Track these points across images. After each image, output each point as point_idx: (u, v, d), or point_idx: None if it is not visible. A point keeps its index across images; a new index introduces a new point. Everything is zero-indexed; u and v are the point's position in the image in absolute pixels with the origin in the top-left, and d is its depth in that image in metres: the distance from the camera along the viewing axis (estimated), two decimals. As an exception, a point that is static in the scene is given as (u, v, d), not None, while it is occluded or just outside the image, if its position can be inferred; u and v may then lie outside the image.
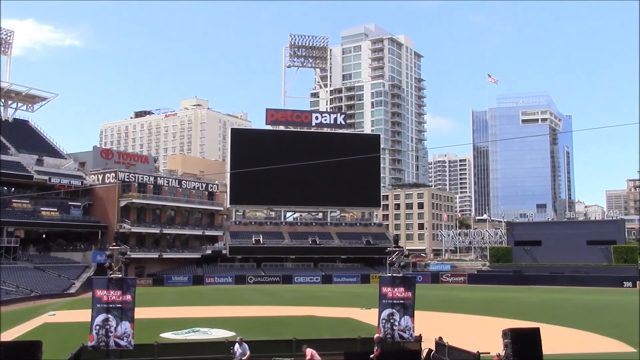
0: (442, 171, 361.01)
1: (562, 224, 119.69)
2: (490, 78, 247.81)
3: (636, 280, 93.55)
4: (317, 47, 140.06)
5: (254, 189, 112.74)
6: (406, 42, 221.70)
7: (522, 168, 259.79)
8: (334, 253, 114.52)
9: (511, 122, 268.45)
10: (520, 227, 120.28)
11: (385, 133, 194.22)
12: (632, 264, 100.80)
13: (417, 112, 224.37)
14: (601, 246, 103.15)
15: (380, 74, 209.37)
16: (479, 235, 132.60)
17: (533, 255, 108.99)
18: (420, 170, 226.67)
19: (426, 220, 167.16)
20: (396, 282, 27.04)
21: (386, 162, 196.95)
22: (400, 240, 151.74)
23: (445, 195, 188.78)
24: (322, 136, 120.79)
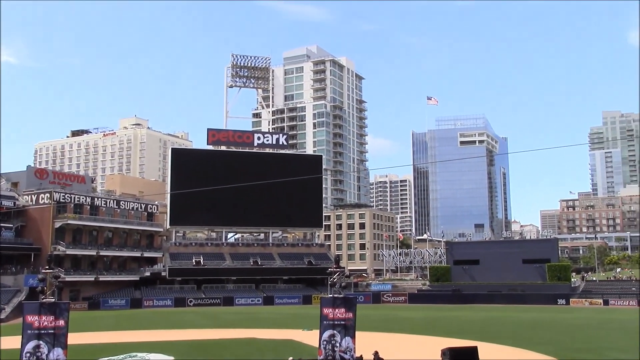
0: (384, 191, 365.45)
1: (499, 243, 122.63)
2: (430, 100, 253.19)
3: (569, 297, 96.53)
4: (259, 67, 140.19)
5: (195, 210, 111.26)
6: (347, 64, 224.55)
7: (460, 188, 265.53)
8: (275, 274, 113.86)
9: (450, 143, 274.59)
10: (459, 246, 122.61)
11: (327, 154, 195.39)
12: (565, 281, 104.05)
13: (358, 133, 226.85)
14: (536, 265, 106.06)
15: (322, 95, 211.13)
16: (419, 255, 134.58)
17: (471, 274, 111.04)
18: (362, 190, 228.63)
19: (367, 240, 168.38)
20: (337, 303, 27.05)
21: (328, 182, 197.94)
22: (342, 260, 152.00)
23: (386, 216, 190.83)
24: (264, 156, 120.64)
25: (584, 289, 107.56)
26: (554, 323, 61.22)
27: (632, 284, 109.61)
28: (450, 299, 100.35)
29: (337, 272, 28.53)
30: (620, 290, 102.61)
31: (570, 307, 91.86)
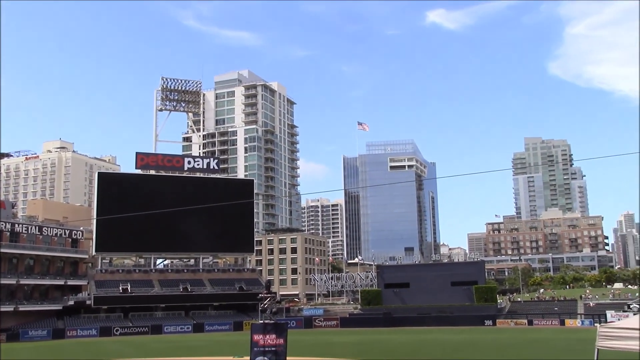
0: (315, 216, 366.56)
1: (429, 266, 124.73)
2: (361, 126, 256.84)
3: (496, 318, 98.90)
4: (190, 91, 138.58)
5: (122, 236, 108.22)
6: (279, 88, 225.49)
7: (391, 212, 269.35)
8: (206, 300, 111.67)
9: (380, 168, 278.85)
10: (390, 270, 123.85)
11: (258, 178, 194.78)
12: (491, 303, 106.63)
13: (290, 158, 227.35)
14: (464, 287, 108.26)
15: (254, 119, 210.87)
16: (351, 279, 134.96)
17: (402, 297, 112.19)
18: (294, 215, 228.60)
19: (299, 265, 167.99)
20: (267, 329, 26.71)
21: (260, 207, 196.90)
22: (274, 285, 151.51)
23: (318, 240, 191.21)
24: (195, 181, 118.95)
25: (510, 309, 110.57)
26: (482, 344, 62.45)
27: (554, 304, 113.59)
28: (382, 323, 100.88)
29: (268, 298, 28.27)
30: (543, 310, 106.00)
31: (496, 327, 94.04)
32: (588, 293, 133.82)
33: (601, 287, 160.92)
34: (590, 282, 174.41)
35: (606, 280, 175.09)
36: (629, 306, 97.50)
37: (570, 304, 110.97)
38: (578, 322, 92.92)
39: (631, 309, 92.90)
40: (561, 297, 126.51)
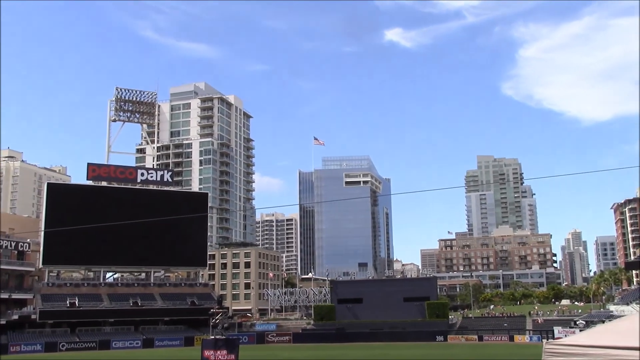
0: (270, 230, 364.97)
1: (382, 282, 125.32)
2: (317, 141, 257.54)
3: (447, 334, 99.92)
4: (145, 102, 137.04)
5: (71, 248, 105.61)
6: (236, 102, 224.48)
7: (345, 228, 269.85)
8: (156, 315, 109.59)
9: (335, 183, 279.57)
10: (343, 285, 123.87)
11: (213, 191, 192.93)
12: (443, 318, 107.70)
13: (245, 172, 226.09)
14: (416, 302, 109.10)
15: (210, 132, 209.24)
16: (304, 294, 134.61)
17: (355, 313, 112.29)
18: (248, 229, 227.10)
19: (253, 280, 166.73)
20: (219, 345, 26.39)
21: (214, 220, 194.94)
22: (226, 300, 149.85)
23: (272, 255, 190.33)
24: (148, 193, 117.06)
25: (461, 325, 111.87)
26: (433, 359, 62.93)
27: (504, 320, 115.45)
28: (334, 338, 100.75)
29: (220, 313, 27.98)
30: (493, 326, 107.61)
31: (447, 343, 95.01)
32: (536, 309, 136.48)
33: (549, 303, 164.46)
34: (539, 298, 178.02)
35: (554, 296, 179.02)
36: (576, 322, 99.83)
37: (519, 320, 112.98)
38: (527, 338, 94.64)
39: (577, 325, 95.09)
40: (511, 313, 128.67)
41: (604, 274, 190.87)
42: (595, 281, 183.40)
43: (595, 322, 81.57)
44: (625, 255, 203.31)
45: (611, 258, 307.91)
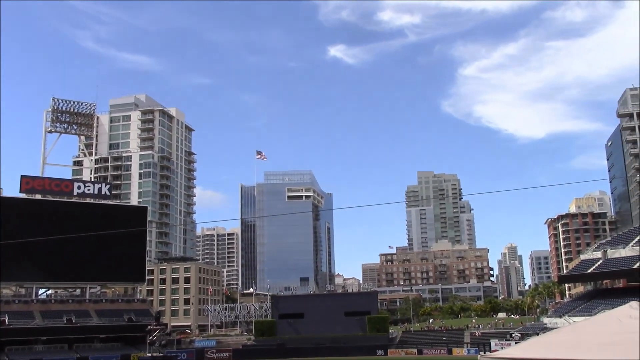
0: (211, 245, 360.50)
1: (323, 297, 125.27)
2: (259, 155, 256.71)
3: (387, 348, 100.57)
4: (83, 113, 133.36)
5: (1, 263, 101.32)
6: (177, 114, 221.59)
7: (287, 242, 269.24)
8: (91, 332, 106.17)
9: (278, 197, 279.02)
10: (285, 300, 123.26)
11: (153, 205, 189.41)
12: (383, 333, 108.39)
13: (186, 185, 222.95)
14: (357, 317, 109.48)
15: (150, 145, 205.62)
16: (245, 309, 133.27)
17: (296, 328, 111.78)
18: (188, 243, 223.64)
19: (192, 295, 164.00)
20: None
21: (153, 235, 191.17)
22: (165, 316, 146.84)
23: (212, 269, 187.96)
24: (84, 207, 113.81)
25: (401, 339, 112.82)
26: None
27: (443, 333, 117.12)
28: (275, 354, 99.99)
29: (158, 330, 27.33)
30: (432, 339, 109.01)
31: (387, 357, 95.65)
32: (474, 323, 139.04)
33: (486, 316, 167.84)
34: (477, 312, 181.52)
35: (491, 310, 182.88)
36: (511, 335, 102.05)
37: (458, 334, 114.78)
38: (465, 351, 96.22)
39: (513, 338, 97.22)
40: (449, 326, 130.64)
41: (538, 288, 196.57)
42: (530, 294, 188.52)
43: (529, 334, 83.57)
44: (559, 269, 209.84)
45: (545, 272, 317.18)
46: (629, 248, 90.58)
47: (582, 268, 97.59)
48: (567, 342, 8.62)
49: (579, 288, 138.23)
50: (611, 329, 8.07)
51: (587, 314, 73.66)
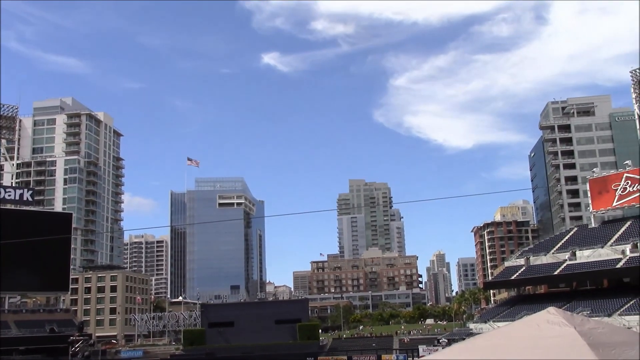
0: (139, 252, 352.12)
1: (254, 305, 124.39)
2: (191, 161, 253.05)
3: (317, 355, 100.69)
4: (4, 116, 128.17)
5: None
6: (105, 119, 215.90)
7: (218, 250, 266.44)
8: (10, 344, 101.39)
9: (209, 205, 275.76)
10: (214, 308, 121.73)
11: (78, 212, 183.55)
12: (314, 340, 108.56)
13: (114, 192, 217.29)
14: (288, 325, 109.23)
15: (76, 149, 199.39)
16: (174, 318, 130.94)
17: (226, 337, 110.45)
18: (115, 251, 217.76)
19: (119, 304, 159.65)
20: (77, 375, 24.88)
21: (78, 242, 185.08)
22: (89, 326, 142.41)
23: (140, 278, 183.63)
24: (5, 213, 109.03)
25: (331, 346, 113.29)
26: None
27: (372, 340, 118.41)
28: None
29: (81, 340, 26.43)
30: (362, 346, 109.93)
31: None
32: (403, 329, 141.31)
33: (415, 323, 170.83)
34: (406, 318, 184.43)
35: (419, 316, 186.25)
36: (439, 340, 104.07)
37: (387, 340, 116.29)
38: (393, 357, 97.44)
39: (440, 343, 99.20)
40: (379, 333, 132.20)
41: (464, 294, 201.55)
42: (456, 301, 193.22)
43: (456, 339, 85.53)
44: (484, 275, 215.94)
45: (471, 278, 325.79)
46: (550, 255, 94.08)
47: (506, 275, 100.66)
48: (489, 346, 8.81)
49: (503, 294, 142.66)
50: (530, 334, 8.30)
51: (510, 319, 75.98)
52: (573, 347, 7.63)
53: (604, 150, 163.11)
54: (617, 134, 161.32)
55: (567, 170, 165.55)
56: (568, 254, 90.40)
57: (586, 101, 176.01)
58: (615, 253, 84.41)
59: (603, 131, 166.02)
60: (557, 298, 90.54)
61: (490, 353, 8.47)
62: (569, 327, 8.02)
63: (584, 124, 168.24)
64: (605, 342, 7.72)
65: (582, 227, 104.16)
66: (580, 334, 7.83)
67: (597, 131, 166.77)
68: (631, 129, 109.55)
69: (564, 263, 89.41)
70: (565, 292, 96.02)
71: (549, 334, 8.05)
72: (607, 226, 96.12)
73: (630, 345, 7.80)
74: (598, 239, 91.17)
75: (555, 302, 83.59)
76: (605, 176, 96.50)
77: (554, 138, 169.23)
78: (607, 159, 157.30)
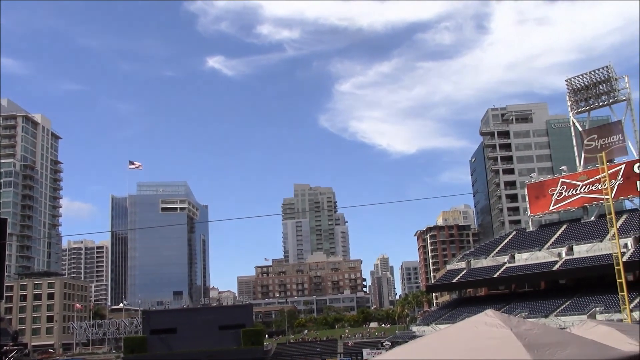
0: (78, 258, 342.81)
1: (197, 311, 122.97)
2: (132, 164, 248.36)
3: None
4: None
5: None
6: (43, 121, 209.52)
7: (160, 255, 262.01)
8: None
9: (151, 209, 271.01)
10: (156, 315, 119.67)
11: (13, 217, 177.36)
12: (258, 345, 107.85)
13: (52, 196, 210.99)
14: (232, 330, 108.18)
15: (11, 152, 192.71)
16: (114, 326, 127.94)
17: (168, 344, 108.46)
18: (53, 257, 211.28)
19: (56, 312, 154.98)
20: (11, 386, 23.96)
21: (13, 248, 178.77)
22: (25, 335, 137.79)
23: (79, 285, 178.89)
24: None
25: (276, 351, 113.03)
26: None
27: (317, 344, 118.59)
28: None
29: (15, 350, 25.51)
30: (306, 351, 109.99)
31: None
32: (347, 333, 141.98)
33: (359, 326, 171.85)
34: (350, 322, 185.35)
35: (363, 320, 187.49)
36: (382, 344, 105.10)
37: (332, 344, 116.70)
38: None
39: (384, 347, 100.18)
40: (323, 337, 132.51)
41: (408, 297, 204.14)
42: (400, 304, 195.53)
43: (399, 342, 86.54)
44: (427, 279, 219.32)
45: (415, 282, 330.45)
46: (490, 258, 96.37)
47: (448, 278, 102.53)
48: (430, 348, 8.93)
49: (445, 297, 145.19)
50: (469, 336, 8.46)
51: (452, 321, 77.39)
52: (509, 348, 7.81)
53: (541, 156, 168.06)
54: (554, 140, 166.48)
55: (506, 175, 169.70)
56: (507, 257, 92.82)
57: (524, 108, 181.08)
58: (551, 256, 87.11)
59: (540, 137, 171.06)
60: (497, 300, 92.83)
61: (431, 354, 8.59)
62: (505, 328, 8.21)
63: (522, 131, 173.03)
64: (540, 342, 7.93)
65: (520, 231, 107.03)
66: (516, 335, 8.02)
67: (534, 137, 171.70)
68: (566, 136, 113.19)
69: (503, 266, 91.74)
70: (504, 294, 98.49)
71: (487, 336, 8.22)
72: (544, 230, 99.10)
73: (563, 345, 8.04)
74: (535, 242, 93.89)
75: (495, 304, 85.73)
76: (542, 181, 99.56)
77: (494, 144, 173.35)
78: (544, 164, 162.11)
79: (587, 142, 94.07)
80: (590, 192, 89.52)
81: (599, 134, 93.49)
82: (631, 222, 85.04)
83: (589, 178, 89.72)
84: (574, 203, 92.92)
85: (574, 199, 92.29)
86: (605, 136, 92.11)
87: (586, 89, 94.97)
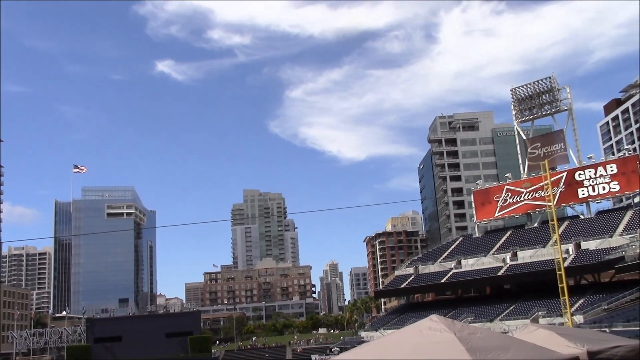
0: (19, 265, 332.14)
1: (143, 318, 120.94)
2: (77, 168, 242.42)
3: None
4: None
5: None
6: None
7: (106, 262, 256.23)
8: None
9: (96, 215, 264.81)
10: (101, 323, 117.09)
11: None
12: (206, 353, 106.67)
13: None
14: (179, 338, 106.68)
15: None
16: (57, 334, 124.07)
17: (113, 352, 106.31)
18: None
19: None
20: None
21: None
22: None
23: (19, 292, 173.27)
24: None
25: (224, 358, 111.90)
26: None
27: (265, 350, 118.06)
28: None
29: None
30: (255, 357, 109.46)
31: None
32: (296, 339, 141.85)
33: (308, 332, 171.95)
34: (299, 328, 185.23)
35: (312, 326, 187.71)
36: (331, 349, 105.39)
37: (280, 350, 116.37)
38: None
39: (333, 352, 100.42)
40: (272, 343, 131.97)
41: (356, 303, 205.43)
42: (348, 310, 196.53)
43: (348, 347, 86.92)
44: (376, 284, 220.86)
45: (363, 287, 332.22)
46: (437, 264, 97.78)
47: (396, 283, 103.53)
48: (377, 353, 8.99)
49: (394, 302, 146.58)
50: (414, 340, 8.56)
51: (400, 326, 78.07)
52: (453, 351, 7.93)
53: (487, 163, 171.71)
54: (499, 148, 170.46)
55: (453, 182, 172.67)
56: (454, 263, 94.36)
57: (471, 116, 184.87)
58: (496, 261, 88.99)
59: (486, 145, 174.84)
60: (444, 305, 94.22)
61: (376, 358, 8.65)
62: (449, 333, 8.34)
63: (469, 138, 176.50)
64: (482, 346, 8.08)
65: (467, 237, 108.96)
66: (459, 339, 8.15)
67: (480, 145, 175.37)
68: (511, 144, 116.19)
69: (450, 271, 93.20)
70: (451, 299, 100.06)
71: (431, 340, 8.32)
72: (489, 236, 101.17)
73: (505, 349, 8.21)
74: (481, 248, 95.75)
75: (442, 309, 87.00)
76: (488, 188, 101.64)
77: (442, 151, 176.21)
78: (489, 171, 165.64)
79: (531, 151, 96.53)
80: (533, 199, 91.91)
81: (542, 143, 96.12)
82: (572, 228, 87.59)
83: (533, 185, 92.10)
84: (518, 210, 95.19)
85: (518, 206, 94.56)
86: (548, 145, 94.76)
87: (530, 98, 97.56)
